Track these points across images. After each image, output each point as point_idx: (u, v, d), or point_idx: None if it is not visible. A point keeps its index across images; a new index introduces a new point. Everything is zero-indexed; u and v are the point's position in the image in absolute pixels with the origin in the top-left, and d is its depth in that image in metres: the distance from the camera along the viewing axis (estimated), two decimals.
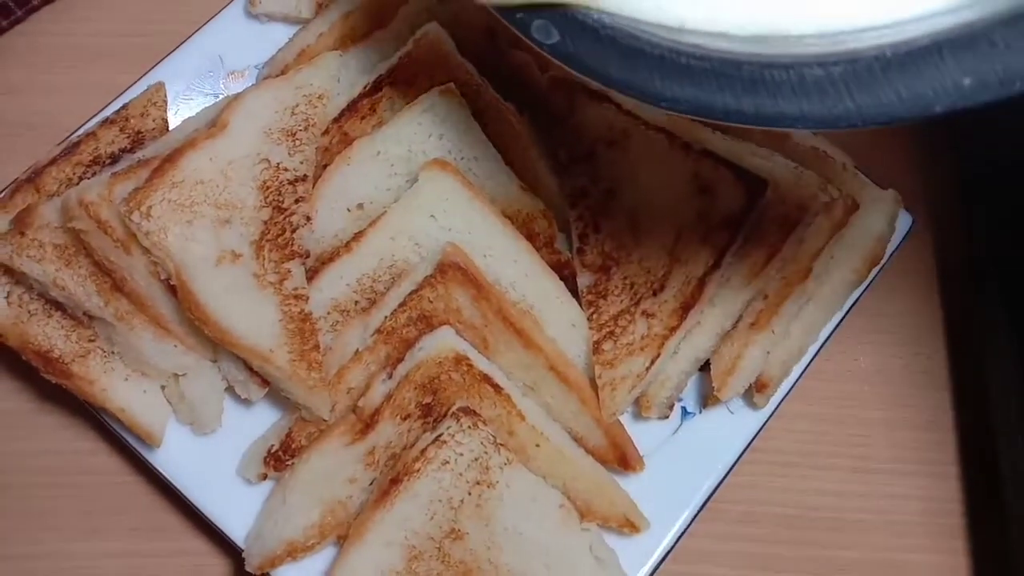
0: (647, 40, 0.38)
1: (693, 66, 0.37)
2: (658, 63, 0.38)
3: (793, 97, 0.36)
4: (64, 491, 0.60)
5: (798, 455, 0.64)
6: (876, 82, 0.34)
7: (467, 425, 0.54)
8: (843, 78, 0.35)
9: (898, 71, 0.34)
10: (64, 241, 0.55)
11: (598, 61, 0.39)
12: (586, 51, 0.39)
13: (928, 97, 0.33)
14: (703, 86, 0.37)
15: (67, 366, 0.55)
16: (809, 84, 0.35)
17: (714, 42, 0.38)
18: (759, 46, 0.37)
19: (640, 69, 0.38)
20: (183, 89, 0.64)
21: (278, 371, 0.54)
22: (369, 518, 0.53)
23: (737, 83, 0.37)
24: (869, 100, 0.34)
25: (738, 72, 0.37)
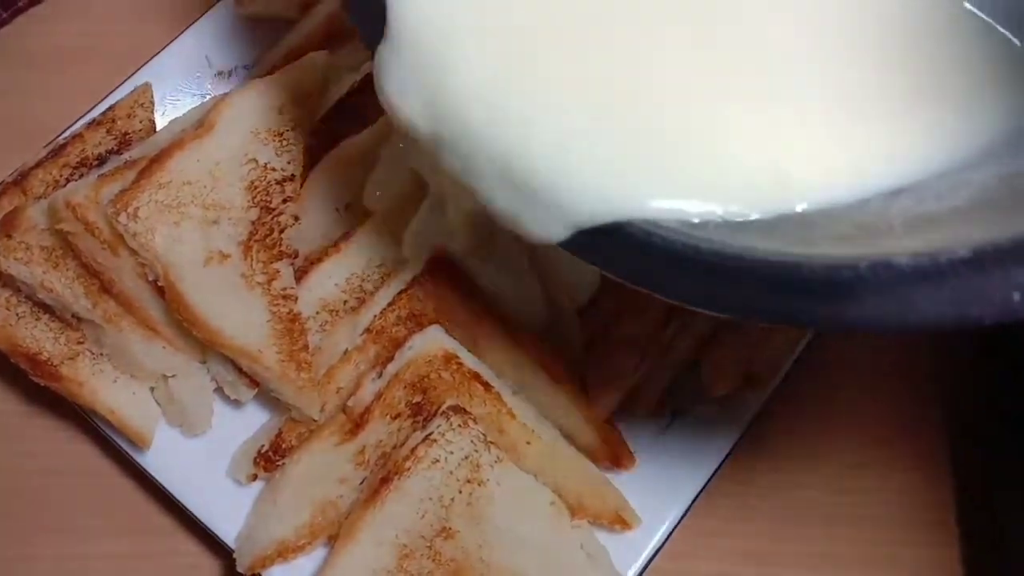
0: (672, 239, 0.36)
1: (718, 264, 0.35)
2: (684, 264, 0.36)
3: (826, 302, 0.33)
4: (54, 493, 0.60)
5: (789, 450, 0.64)
6: (911, 291, 0.31)
7: (457, 423, 0.54)
8: (877, 287, 0.31)
9: (937, 282, 0.30)
10: (51, 243, 0.55)
11: (627, 262, 0.37)
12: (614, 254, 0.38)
13: (974, 312, 0.30)
14: (734, 287, 0.35)
15: (56, 368, 0.55)
16: (841, 289, 0.32)
17: (734, 237, 0.36)
18: (781, 244, 0.35)
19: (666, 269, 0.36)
20: (170, 90, 0.63)
21: (267, 371, 0.54)
22: (360, 518, 0.53)
23: (765, 283, 0.34)
24: (903, 311, 0.31)
25: (769, 272, 0.34)
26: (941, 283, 0.30)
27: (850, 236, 0.36)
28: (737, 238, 0.36)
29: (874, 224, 0.36)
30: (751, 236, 0.36)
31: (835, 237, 0.36)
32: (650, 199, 0.37)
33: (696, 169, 0.38)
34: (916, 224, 0.35)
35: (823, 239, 0.36)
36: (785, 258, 0.34)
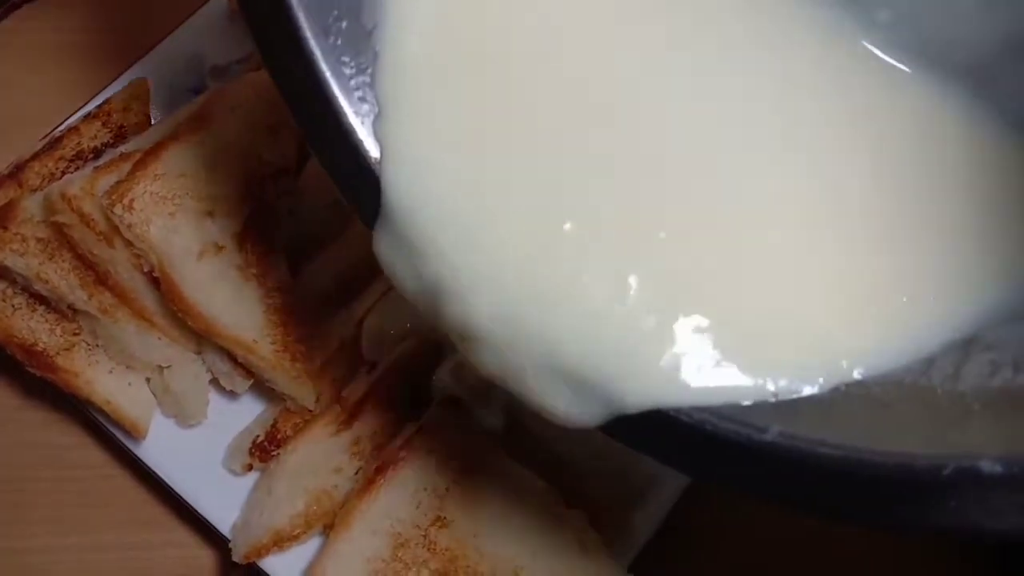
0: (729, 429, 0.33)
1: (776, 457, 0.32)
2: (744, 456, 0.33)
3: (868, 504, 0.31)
4: (51, 485, 0.60)
5: None
6: (998, 498, 0.28)
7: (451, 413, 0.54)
8: (959, 490, 0.29)
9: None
10: (47, 235, 0.55)
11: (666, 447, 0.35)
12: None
13: (1005, 526, 0.28)
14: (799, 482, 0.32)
15: (52, 359, 0.55)
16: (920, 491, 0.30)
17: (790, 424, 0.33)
18: (847, 433, 0.32)
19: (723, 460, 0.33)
20: (166, 84, 0.64)
21: (262, 362, 0.54)
22: (355, 507, 0.53)
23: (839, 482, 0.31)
24: (990, 516, 0.29)
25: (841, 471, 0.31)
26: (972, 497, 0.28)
27: (920, 422, 0.33)
28: (795, 424, 0.32)
29: (947, 403, 0.33)
30: (809, 422, 0.32)
31: (901, 424, 0.33)
32: (692, 381, 0.34)
33: (743, 344, 0.35)
34: (995, 403, 0.32)
35: (887, 426, 0.33)
36: (858, 455, 0.30)
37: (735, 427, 0.32)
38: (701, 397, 0.33)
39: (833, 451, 0.31)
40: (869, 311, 0.36)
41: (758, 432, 0.32)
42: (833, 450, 0.31)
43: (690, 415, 0.33)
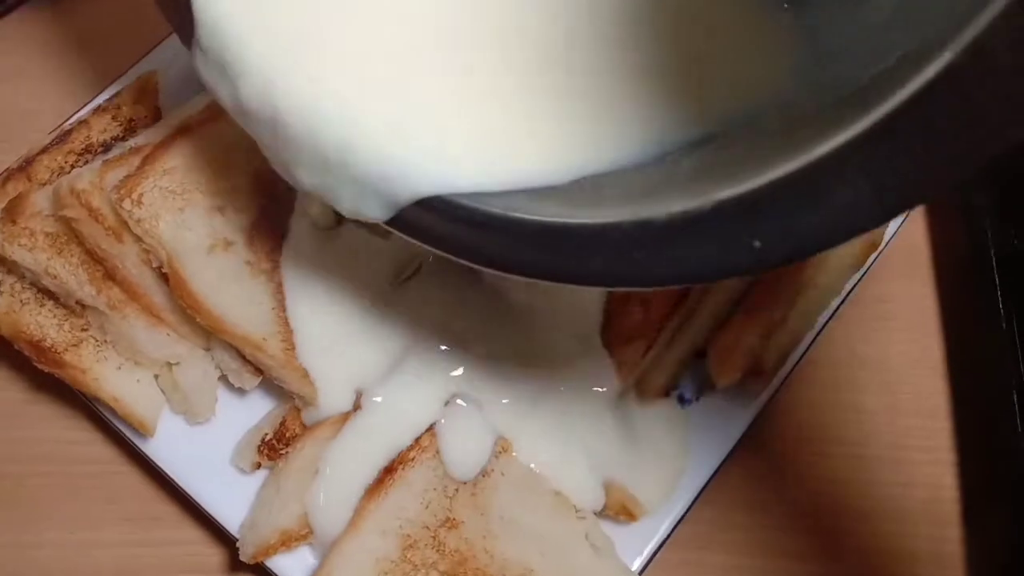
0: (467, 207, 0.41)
1: (511, 231, 0.39)
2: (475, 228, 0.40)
3: (600, 258, 0.37)
4: (58, 480, 0.60)
5: (796, 442, 0.64)
6: (671, 246, 0.35)
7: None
8: (640, 242, 0.35)
9: (690, 236, 0.34)
10: (56, 230, 0.55)
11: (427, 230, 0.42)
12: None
13: (722, 260, 0.34)
14: (525, 249, 0.39)
15: (60, 355, 0.55)
16: (611, 246, 0.36)
17: (530, 203, 0.40)
18: (571, 209, 0.39)
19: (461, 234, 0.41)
20: (176, 77, 0.63)
21: (271, 359, 0.53)
22: (364, 507, 0.52)
23: (551, 245, 0.38)
24: (665, 263, 0.35)
25: (550, 235, 0.38)
26: (698, 235, 0.33)
27: (635, 197, 0.38)
28: (535, 204, 0.39)
29: (662, 184, 0.39)
30: (549, 202, 0.40)
31: (622, 198, 0.39)
32: (450, 176, 0.41)
33: (486, 145, 0.42)
34: (698, 179, 0.37)
35: (612, 201, 0.39)
36: (564, 220, 0.37)
37: (476, 206, 0.40)
38: (460, 187, 0.40)
39: (556, 220, 0.38)
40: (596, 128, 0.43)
41: (507, 209, 0.39)
42: (556, 219, 0.38)
43: (452, 202, 0.40)
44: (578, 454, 0.56)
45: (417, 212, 0.41)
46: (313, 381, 0.54)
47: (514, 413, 0.55)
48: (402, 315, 0.55)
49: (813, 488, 0.63)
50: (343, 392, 0.54)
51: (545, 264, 0.39)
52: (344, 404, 0.54)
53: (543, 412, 0.56)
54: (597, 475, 0.56)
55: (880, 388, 0.65)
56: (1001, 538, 0.60)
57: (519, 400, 0.55)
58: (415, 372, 0.54)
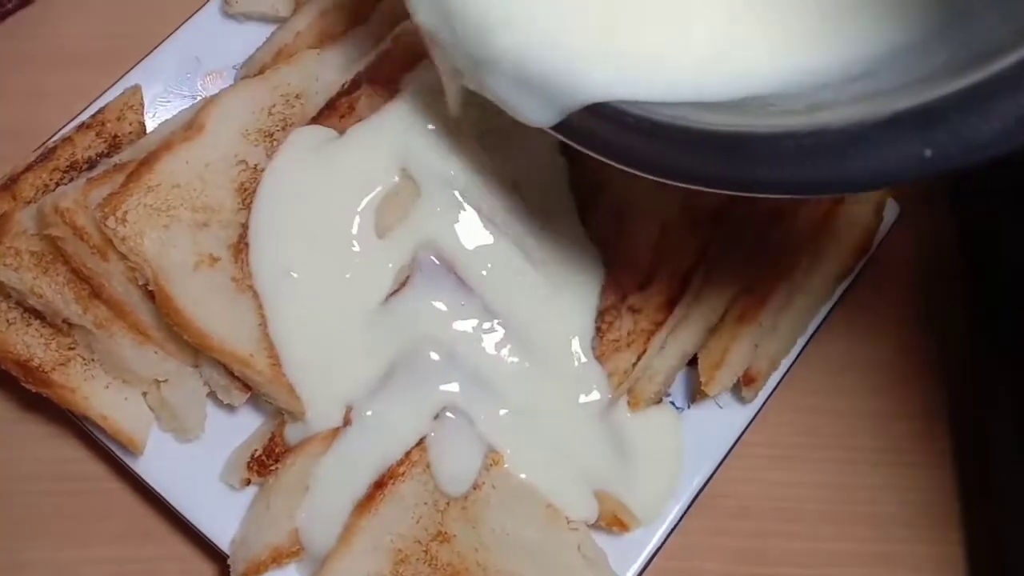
0: (635, 114, 0.41)
1: (674, 137, 0.40)
2: (643, 135, 0.41)
3: (768, 167, 0.37)
4: (48, 499, 0.60)
5: (789, 448, 0.63)
6: (844, 155, 0.35)
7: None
8: (813, 150, 0.36)
9: (865, 145, 0.35)
10: (41, 248, 0.54)
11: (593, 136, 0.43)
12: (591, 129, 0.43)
13: (893, 168, 0.34)
14: (684, 156, 0.40)
15: (47, 375, 0.55)
16: (783, 154, 0.37)
17: (697, 113, 0.40)
18: (739, 117, 0.39)
19: (629, 141, 0.42)
20: (160, 91, 0.63)
21: (259, 376, 0.53)
22: (354, 523, 0.52)
23: (712, 152, 0.39)
24: (837, 171, 0.36)
25: (714, 142, 0.39)
26: (870, 144, 0.34)
27: (801, 112, 0.39)
28: (703, 115, 0.40)
29: (834, 99, 0.40)
30: (717, 114, 0.40)
31: (790, 112, 0.40)
32: (625, 83, 0.42)
33: (662, 58, 0.43)
34: (861, 99, 0.38)
35: (780, 114, 0.40)
36: (734, 128, 0.38)
37: (650, 115, 0.41)
38: (630, 94, 0.41)
39: (718, 126, 0.39)
40: (775, 49, 0.43)
41: (669, 118, 0.40)
42: (718, 126, 0.39)
43: (618, 107, 0.41)
44: (569, 465, 0.55)
45: (585, 118, 0.42)
46: (300, 397, 0.53)
47: (505, 425, 0.55)
48: (391, 329, 0.55)
49: (807, 495, 0.62)
50: (332, 407, 0.54)
51: (716, 171, 0.39)
52: (333, 419, 0.54)
53: (534, 424, 0.55)
54: (589, 486, 0.55)
55: (873, 393, 0.65)
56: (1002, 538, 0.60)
57: (510, 412, 0.55)
58: (405, 386, 0.54)
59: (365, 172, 0.57)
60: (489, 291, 0.55)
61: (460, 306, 0.55)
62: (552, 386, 0.56)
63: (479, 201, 0.57)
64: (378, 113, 0.58)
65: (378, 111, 0.58)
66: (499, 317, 0.56)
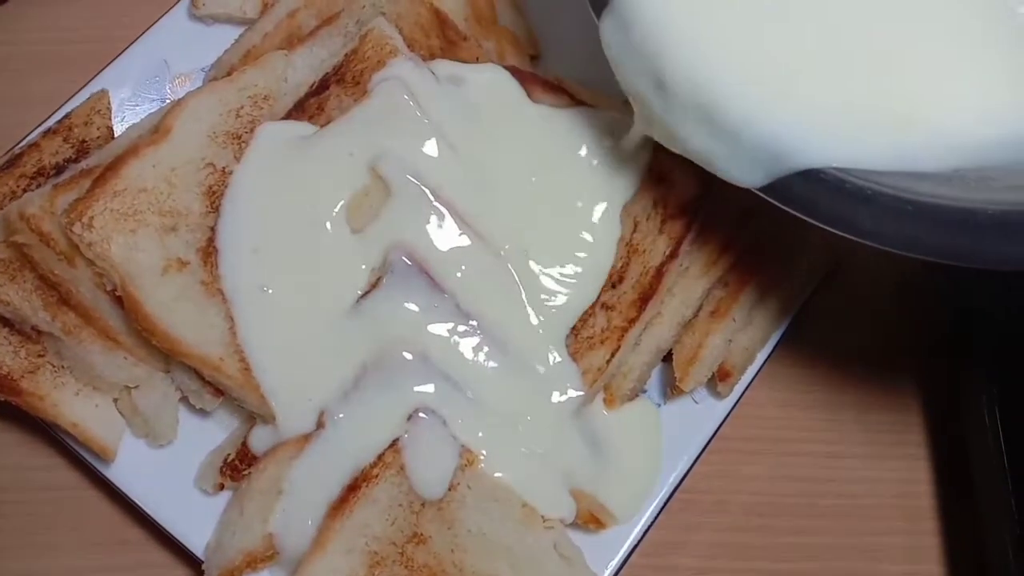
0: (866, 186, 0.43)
1: (909, 211, 0.42)
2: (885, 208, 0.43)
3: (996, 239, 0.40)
4: (22, 507, 0.59)
5: (766, 442, 0.63)
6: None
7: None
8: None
9: None
10: (8, 256, 0.54)
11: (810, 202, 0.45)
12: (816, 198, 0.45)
13: None
14: (920, 228, 0.42)
15: (16, 383, 0.54)
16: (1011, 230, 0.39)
17: (913, 184, 0.42)
18: (969, 191, 0.42)
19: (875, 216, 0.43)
20: (129, 95, 0.62)
21: (229, 380, 0.53)
22: (329, 526, 0.52)
23: (947, 227, 0.41)
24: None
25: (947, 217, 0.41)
26: None
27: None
28: (919, 186, 0.41)
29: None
30: (930, 184, 0.42)
31: (1009, 187, 0.42)
32: (842, 150, 0.43)
33: (882, 128, 0.44)
34: None
35: (999, 189, 0.41)
36: (958, 203, 0.41)
37: (869, 184, 0.43)
38: (844, 162, 0.43)
39: (942, 200, 0.41)
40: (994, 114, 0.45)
41: (889, 188, 0.42)
42: (942, 200, 0.41)
43: (835, 175, 0.43)
44: (545, 464, 0.55)
45: (795, 182, 0.44)
46: (271, 401, 0.53)
47: (479, 425, 0.55)
48: (363, 331, 0.54)
49: (784, 488, 0.62)
50: (304, 411, 0.54)
51: (951, 246, 0.41)
52: (306, 423, 0.54)
53: (509, 423, 0.55)
54: (565, 485, 0.55)
55: (848, 385, 0.65)
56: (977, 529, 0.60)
57: (484, 412, 0.55)
58: (377, 388, 0.54)
59: (335, 173, 0.57)
60: (462, 292, 0.55)
61: (433, 307, 0.55)
62: (527, 385, 0.56)
63: (452, 201, 0.57)
64: (347, 114, 0.58)
65: (347, 112, 0.58)
66: (473, 318, 0.55)
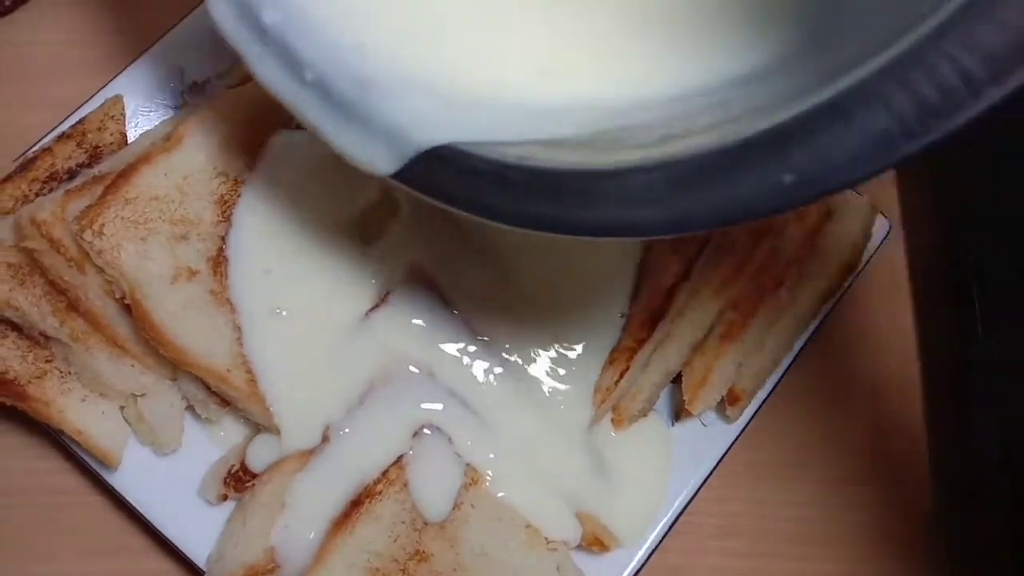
0: (480, 156, 0.38)
1: (519, 181, 0.37)
2: (489, 180, 0.38)
3: (617, 207, 0.35)
4: (24, 512, 0.59)
5: (773, 466, 0.63)
6: (698, 187, 0.33)
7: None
8: (663, 185, 0.33)
9: (719, 173, 0.32)
10: (18, 260, 0.54)
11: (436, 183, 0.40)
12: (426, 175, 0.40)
13: (754, 197, 0.32)
14: (533, 201, 0.37)
15: (23, 388, 0.54)
16: (633, 193, 0.34)
17: (546, 152, 0.38)
18: (589, 155, 0.37)
19: (474, 187, 0.38)
20: (143, 102, 0.62)
21: (236, 391, 0.53)
22: (331, 541, 0.52)
23: (561, 195, 0.36)
24: (693, 205, 0.33)
25: (562, 184, 0.36)
26: (725, 173, 0.32)
27: (653, 144, 0.36)
28: (551, 153, 0.37)
29: (680, 131, 0.37)
30: (563, 151, 0.37)
31: (641, 146, 0.37)
32: (461, 126, 0.39)
33: (494, 97, 0.41)
34: (715, 127, 0.36)
35: (631, 148, 0.36)
36: (579, 166, 0.36)
37: (491, 155, 0.38)
38: (470, 136, 0.38)
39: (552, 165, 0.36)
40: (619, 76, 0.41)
41: (521, 158, 0.37)
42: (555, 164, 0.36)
43: (460, 150, 0.38)
44: (550, 485, 0.55)
45: (427, 164, 0.39)
46: (276, 414, 0.53)
47: (485, 444, 0.54)
48: (370, 346, 0.54)
49: (790, 514, 0.62)
50: (309, 425, 0.53)
51: (569, 217, 0.36)
52: (311, 437, 0.53)
53: (514, 441, 0.55)
54: (570, 506, 0.55)
55: (858, 411, 0.64)
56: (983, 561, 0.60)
57: (490, 430, 0.54)
58: (383, 403, 0.53)
59: (348, 186, 0.57)
60: (471, 309, 0.55)
61: (440, 323, 0.55)
62: (534, 404, 0.56)
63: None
64: None
65: None
66: (480, 335, 0.55)
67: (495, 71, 0.41)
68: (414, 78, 0.41)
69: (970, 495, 0.60)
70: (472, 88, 0.41)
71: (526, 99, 0.41)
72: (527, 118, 0.40)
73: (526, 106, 0.41)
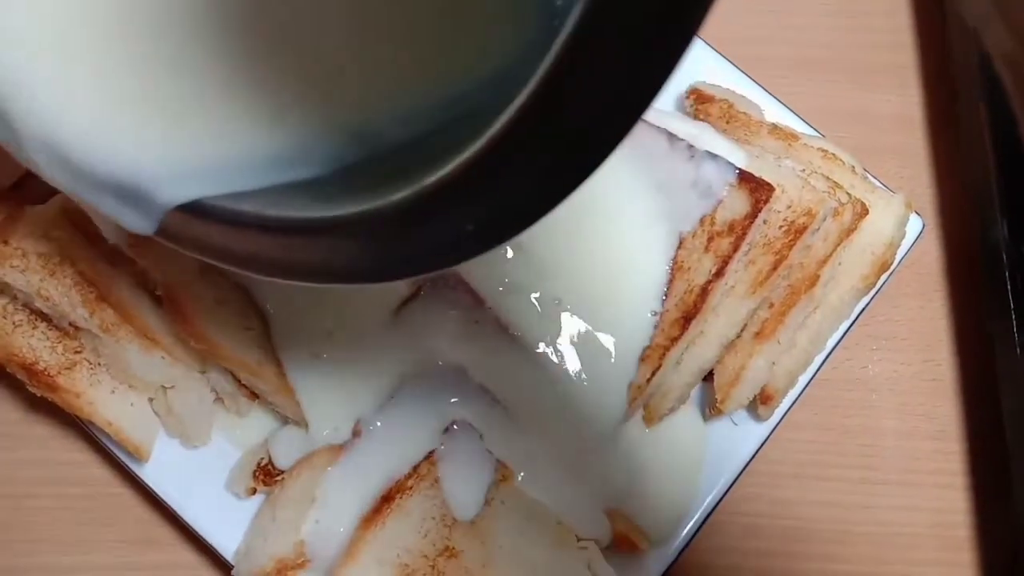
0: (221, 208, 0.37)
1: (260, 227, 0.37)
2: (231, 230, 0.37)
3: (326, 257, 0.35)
4: (53, 502, 0.59)
5: (803, 466, 0.62)
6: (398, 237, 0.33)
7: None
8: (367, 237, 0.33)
9: (415, 224, 0.32)
10: (48, 250, 0.53)
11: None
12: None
13: (445, 247, 0.32)
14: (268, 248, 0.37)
15: (53, 379, 0.54)
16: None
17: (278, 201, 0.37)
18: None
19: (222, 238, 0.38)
20: None
21: (266, 385, 0.52)
22: (360, 537, 0.52)
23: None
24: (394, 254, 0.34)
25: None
26: (420, 223, 0.32)
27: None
28: (289, 202, 0.36)
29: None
30: (302, 198, 0.37)
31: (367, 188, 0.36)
32: (200, 181, 0.37)
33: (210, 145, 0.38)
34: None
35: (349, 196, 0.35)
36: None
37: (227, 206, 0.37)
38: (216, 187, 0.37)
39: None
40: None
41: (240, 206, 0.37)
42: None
43: (211, 204, 0.37)
44: (581, 483, 0.54)
45: (183, 219, 0.38)
46: (306, 408, 0.53)
47: (515, 440, 0.54)
48: (401, 341, 0.54)
49: (819, 514, 0.61)
50: (340, 419, 0.53)
51: (291, 262, 0.36)
52: (341, 432, 0.53)
53: (545, 439, 0.54)
54: (600, 504, 0.54)
55: (891, 411, 0.63)
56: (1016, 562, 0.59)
57: (521, 427, 0.54)
58: (414, 399, 0.53)
59: None
60: (503, 305, 0.54)
61: (472, 319, 0.54)
62: (565, 401, 0.55)
63: None
64: None
65: None
66: (512, 331, 0.54)
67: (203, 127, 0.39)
68: (136, 147, 0.39)
69: (1006, 495, 0.60)
70: (194, 144, 0.39)
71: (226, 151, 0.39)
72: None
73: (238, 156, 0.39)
